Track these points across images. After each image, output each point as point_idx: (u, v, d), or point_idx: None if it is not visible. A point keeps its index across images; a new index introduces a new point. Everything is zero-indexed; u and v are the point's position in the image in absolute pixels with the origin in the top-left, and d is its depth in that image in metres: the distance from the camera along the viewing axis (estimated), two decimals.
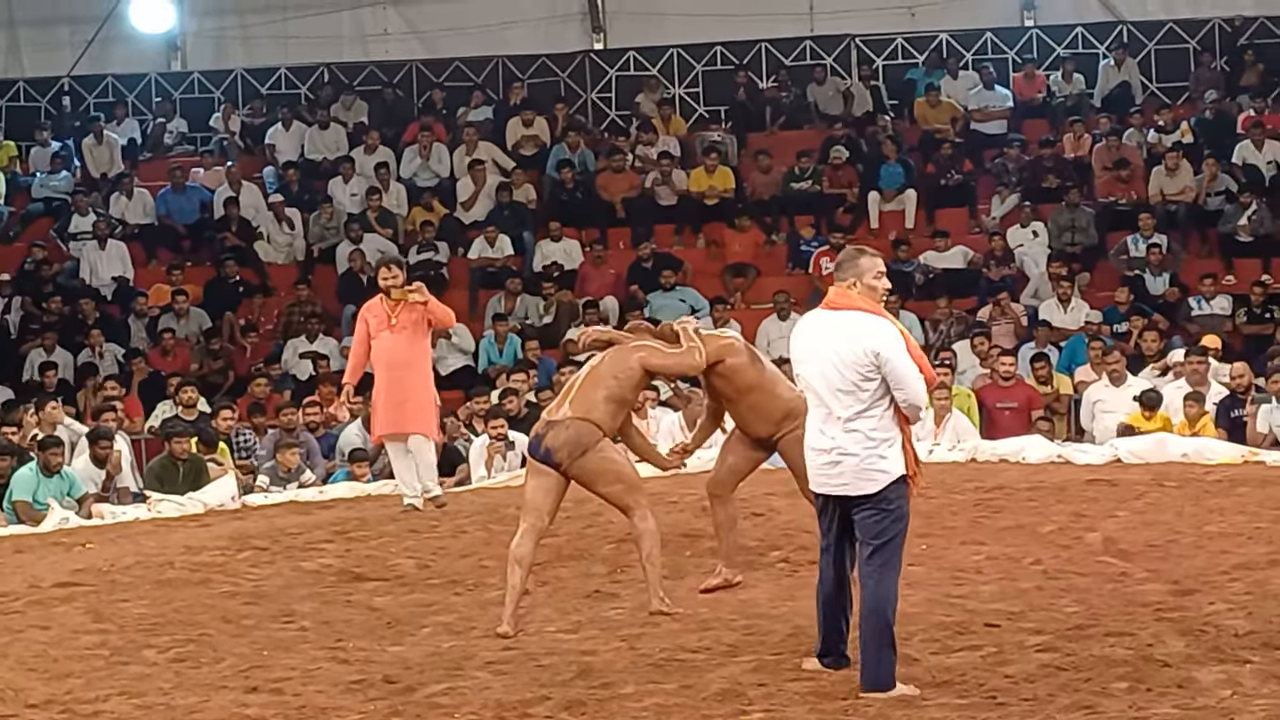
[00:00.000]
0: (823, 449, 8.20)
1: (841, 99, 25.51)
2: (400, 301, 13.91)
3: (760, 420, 10.48)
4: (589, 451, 9.82)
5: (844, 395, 8.10)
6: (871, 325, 8.17)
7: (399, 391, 13.84)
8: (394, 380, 13.86)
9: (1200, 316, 20.58)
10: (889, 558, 8.15)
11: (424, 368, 14.13)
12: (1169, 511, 12.56)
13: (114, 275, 23.04)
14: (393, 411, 13.88)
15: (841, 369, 8.09)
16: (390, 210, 23.65)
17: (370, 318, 14.06)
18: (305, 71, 26.73)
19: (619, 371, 10.10)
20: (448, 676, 8.76)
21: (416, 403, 13.90)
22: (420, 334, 14.02)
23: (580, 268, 22.62)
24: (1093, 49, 25.80)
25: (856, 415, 8.08)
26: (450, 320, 14.82)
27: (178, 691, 8.71)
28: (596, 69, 26.51)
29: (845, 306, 8.26)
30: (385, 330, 13.90)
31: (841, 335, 8.15)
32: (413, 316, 13.91)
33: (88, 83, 26.71)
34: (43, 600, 11.19)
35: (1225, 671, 8.04)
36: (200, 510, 15.25)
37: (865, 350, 8.06)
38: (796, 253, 22.73)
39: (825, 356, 8.16)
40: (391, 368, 13.87)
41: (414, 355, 13.97)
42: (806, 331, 8.40)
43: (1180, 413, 16.84)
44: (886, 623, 8.06)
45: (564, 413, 9.92)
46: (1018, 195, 23.16)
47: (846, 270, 8.40)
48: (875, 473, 8.09)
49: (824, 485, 8.27)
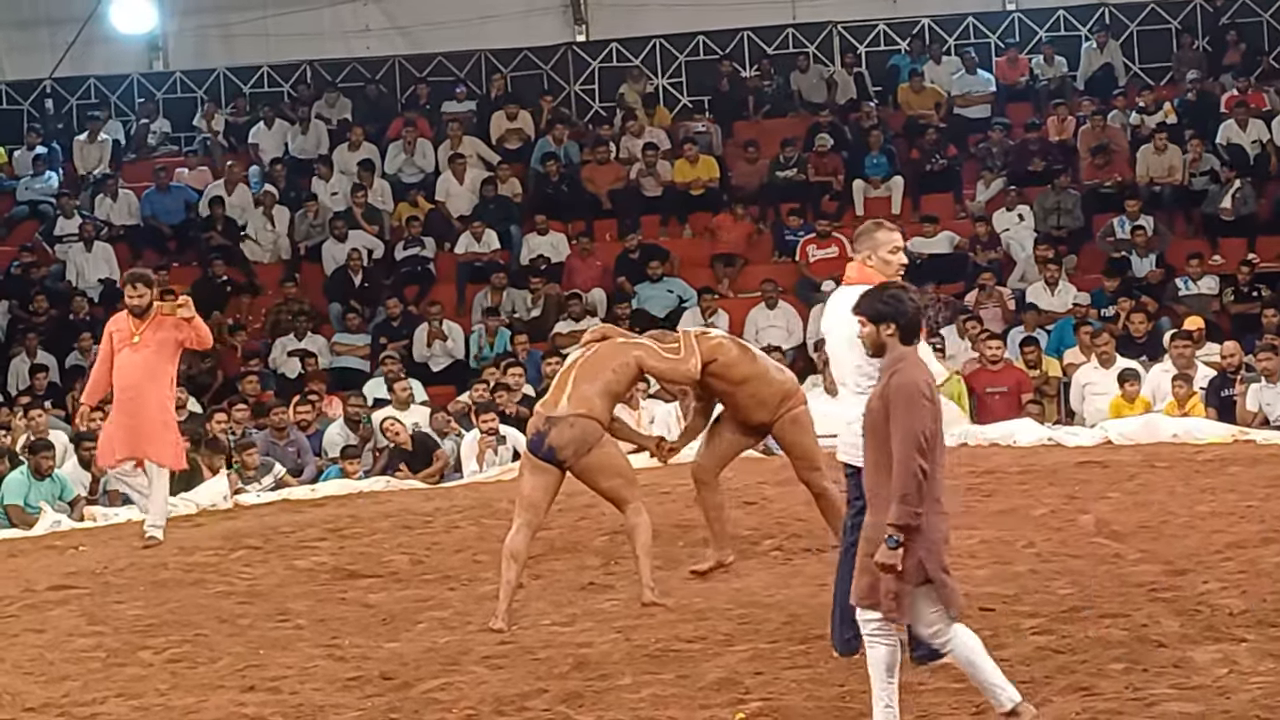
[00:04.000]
0: (849, 421, 8.23)
1: (825, 86, 25.51)
2: (146, 318, 13.04)
3: (760, 407, 10.52)
4: (594, 449, 9.84)
5: (857, 370, 8.14)
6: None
7: (136, 414, 12.99)
8: (130, 402, 13.01)
9: (1187, 297, 20.59)
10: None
11: (161, 390, 13.16)
12: (1161, 492, 12.58)
13: (100, 277, 22.99)
14: (126, 435, 13.04)
15: (853, 343, 8.05)
16: (376, 206, 23.63)
17: (115, 333, 13.22)
18: (288, 69, 26.70)
19: (616, 366, 10.10)
20: (444, 671, 8.77)
21: (152, 427, 13.00)
22: (165, 354, 13.14)
23: (567, 260, 22.61)
24: (1075, 31, 25.81)
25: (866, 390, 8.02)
26: (209, 341, 13.86)
27: (175, 692, 8.72)
28: (579, 61, 26.50)
29: (857, 281, 8.32)
30: (126, 348, 13.06)
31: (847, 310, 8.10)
32: (160, 335, 13.05)
33: (70, 84, 26.68)
34: (37, 604, 11.18)
35: (1220, 650, 8.06)
36: (193, 510, 15.23)
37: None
38: (782, 241, 22.72)
39: (840, 332, 8.23)
40: (129, 389, 13.01)
41: (151, 377, 13.04)
42: (828, 308, 8.52)
43: (1168, 396, 16.84)
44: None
45: (563, 409, 9.88)
46: (1003, 179, 23.16)
47: (862, 244, 8.56)
48: None
49: (852, 456, 8.29)
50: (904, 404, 7.07)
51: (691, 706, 7.85)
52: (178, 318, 13.07)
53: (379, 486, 15.96)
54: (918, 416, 7.06)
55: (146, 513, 13.26)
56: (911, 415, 7.05)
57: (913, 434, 7.02)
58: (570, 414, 9.85)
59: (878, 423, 7.16)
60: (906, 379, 7.13)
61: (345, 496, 15.52)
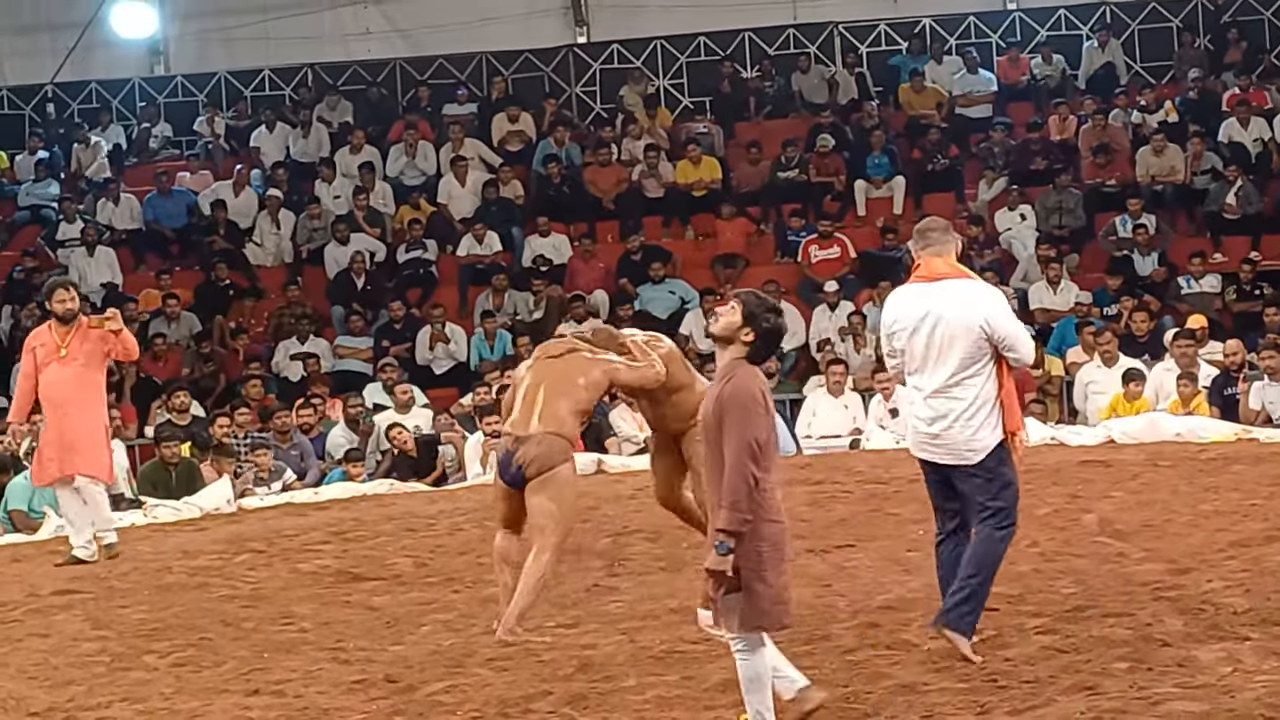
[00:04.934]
0: (925, 418, 8.34)
1: (826, 87, 25.52)
2: (71, 330, 12.74)
3: (678, 417, 10.26)
4: (557, 467, 9.61)
5: (951, 363, 8.22)
6: (982, 292, 8.41)
7: (67, 431, 12.67)
8: (60, 417, 12.69)
9: (1189, 295, 20.60)
10: (1002, 521, 8.31)
11: (94, 403, 12.88)
12: (1164, 491, 12.59)
13: (103, 281, 23.00)
14: (60, 453, 12.71)
15: (952, 336, 8.23)
16: (378, 209, 23.64)
17: (38, 348, 12.87)
18: (288, 72, 26.73)
19: (587, 383, 9.89)
20: (449, 674, 8.77)
21: (87, 442, 12.69)
22: (94, 367, 12.83)
23: (569, 262, 22.61)
24: (1076, 30, 25.82)
25: (960, 382, 8.23)
26: (135, 353, 13.62)
27: (179, 696, 8.71)
28: (580, 63, 26.51)
29: (948, 275, 8.41)
30: (54, 362, 12.73)
31: (950, 303, 8.29)
32: (86, 347, 12.74)
33: (71, 89, 26.71)
34: (42, 608, 11.19)
35: (1225, 649, 8.05)
36: (196, 514, 15.25)
37: (977, 316, 8.22)
38: (785, 242, 22.72)
39: (932, 325, 8.28)
40: (59, 404, 12.71)
41: (84, 390, 12.75)
42: (906, 303, 8.49)
43: (1171, 395, 16.84)
44: (987, 580, 8.30)
45: (534, 427, 9.68)
46: (1005, 179, 23.16)
47: (941, 241, 8.55)
48: (975, 442, 8.24)
49: (925, 451, 8.39)
50: (738, 411, 7.05)
51: (696, 708, 7.84)
52: (105, 330, 12.76)
53: (382, 489, 15.99)
54: (751, 424, 7.03)
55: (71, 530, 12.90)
56: (745, 422, 7.03)
57: (745, 441, 7.01)
58: (541, 432, 9.65)
59: (711, 429, 7.14)
60: (741, 386, 7.10)
61: (349, 499, 15.54)
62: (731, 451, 7.03)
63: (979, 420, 8.23)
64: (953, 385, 8.23)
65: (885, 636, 8.80)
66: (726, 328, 7.23)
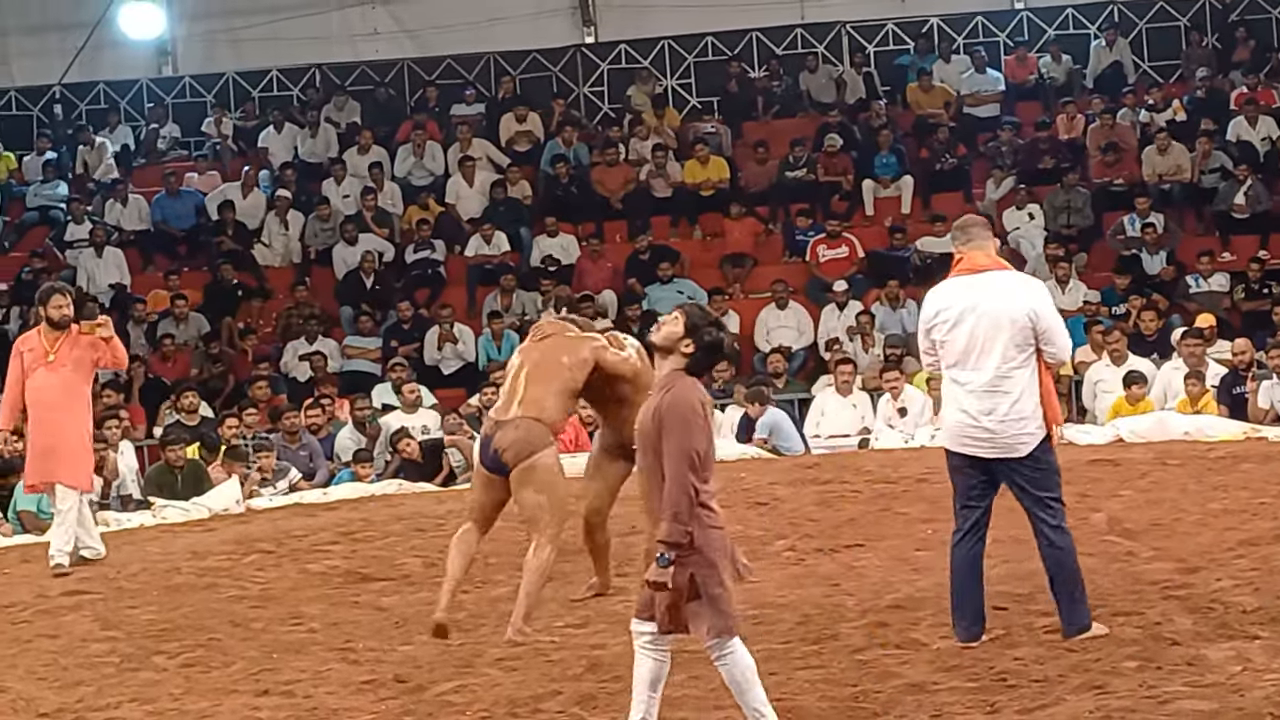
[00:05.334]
0: (966, 410, 8.36)
1: (834, 86, 25.51)
2: (62, 336, 12.64)
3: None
4: (536, 454, 9.57)
5: (995, 355, 8.28)
6: (1026, 283, 8.57)
7: (50, 436, 12.53)
8: (46, 423, 12.56)
9: (1198, 294, 20.58)
10: (1058, 509, 8.42)
11: (80, 410, 12.75)
12: (1173, 489, 12.59)
13: (111, 282, 23.03)
14: (43, 457, 12.59)
15: (997, 328, 8.29)
16: (386, 209, 23.65)
17: (26, 353, 12.71)
18: (296, 73, 26.74)
19: (573, 363, 9.82)
20: (458, 674, 8.77)
21: (69, 449, 12.56)
22: (81, 373, 12.71)
23: (577, 262, 22.62)
24: (1084, 29, 25.80)
25: (1008, 374, 8.29)
26: (125, 362, 13.59)
27: (189, 697, 8.72)
28: (588, 63, 26.51)
29: (992, 267, 8.52)
30: (41, 367, 12.59)
31: (998, 295, 8.37)
32: (75, 354, 12.64)
33: (79, 90, 26.72)
34: (51, 609, 11.20)
35: (1234, 648, 8.05)
36: (205, 515, 15.27)
37: (1024, 308, 8.31)
38: (793, 241, 22.72)
39: (981, 320, 8.33)
40: (45, 409, 12.57)
41: (70, 396, 12.63)
42: (952, 295, 8.51)
43: (1179, 394, 16.83)
44: (1076, 568, 8.40)
45: (515, 412, 9.65)
46: (1013, 178, 23.14)
47: (982, 236, 8.67)
48: (1025, 435, 8.31)
49: (970, 446, 8.39)
50: (678, 422, 7.04)
51: (704, 707, 7.85)
52: (95, 337, 12.68)
53: (391, 490, 16.00)
54: (691, 435, 7.03)
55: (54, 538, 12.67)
56: (685, 433, 7.02)
57: (685, 452, 7.00)
58: (519, 416, 9.62)
59: (650, 439, 7.13)
60: (681, 397, 7.10)
61: (357, 500, 15.56)
62: (672, 463, 7.02)
63: (1027, 412, 8.30)
64: (1001, 378, 8.28)
65: (894, 636, 8.80)
66: (668, 338, 7.22)
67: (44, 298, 13.03)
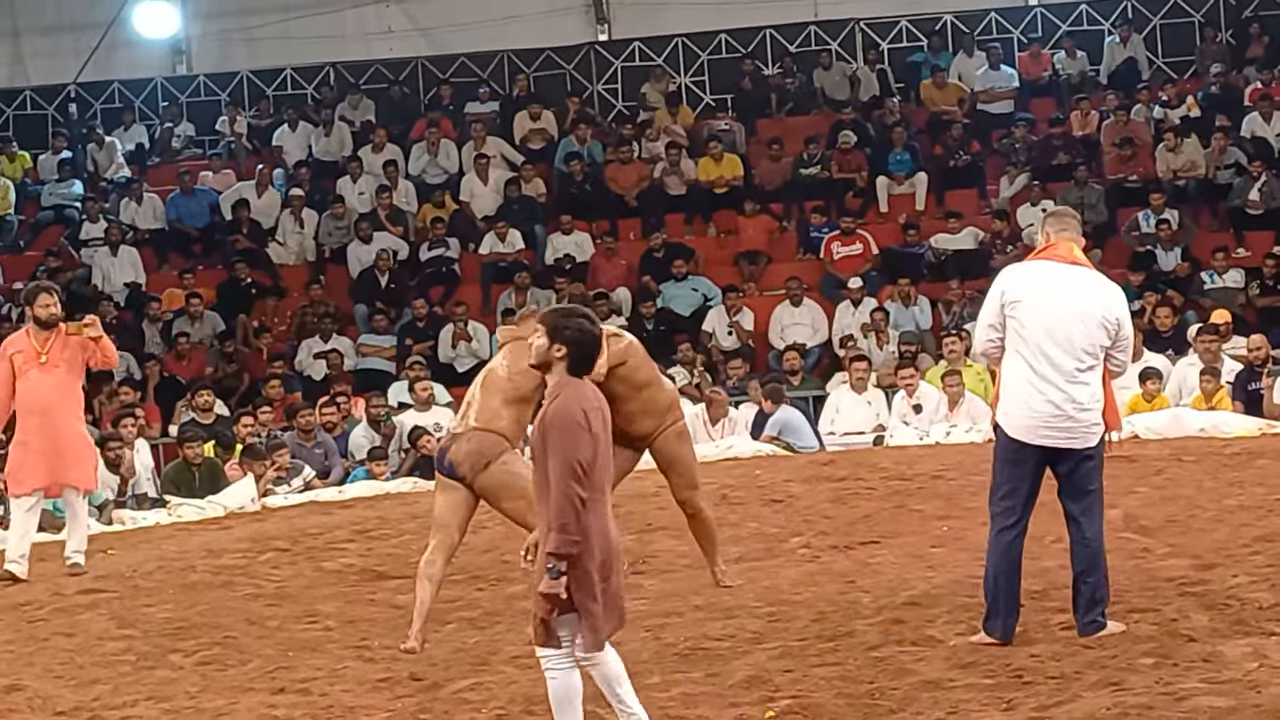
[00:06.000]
0: (1050, 401, 8.31)
1: (848, 84, 25.49)
2: (51, 337, 12.37)
3: (648, 416, 10.18)
4: (492, 464, 9.47)
5: (1080, 350, 8.30)
6: (1115, 290, 8.51)
7: (53, 437, 12.28)
8: (46, 425, 12.27)
9: (1213, 290, 20.55)
10: (1100, 507, 8.49)
11: (77, 410, 12.60)
12: (1188, 486, 12.57)
13: (126, 281, 23.08)
14: (48, 460, 12.29)
15: (1086, 326, 8.30)
16: (400, 208, 23.67)
17: (16, 355, 12.37)
18: (310, 71, 26.77)
19: (514, 372, 9.62)
20: (473, 672, 8.78)
21: (74, 450, 12.41)
22: (75, 373, 12.47)
23: (592, 260, 22.64)
24: (1097, 25, 25.76)
25: (1090, 368, 8.32)
26: (115, 361, 13.34)
27: (205, 695, 8.73)
28: (602, 60, 26.51)
29: (1080, 263, 8.50)
30: (34, 368, 12.29)
31: (1088, 294, 8.38)
32: (67, 354, 12.37)
33: (94, 89, 26.77)
34: (67, 607, 11.21)
35: (1251, 644, 8.04)
36: (220, 513, 15.30)
37: (1112, 313, 8.36)
38: (807, 238, 22.72)
39: (1067, 310, 8.32)
40: (42, 411, 12.27)
41: (67, 397, 12.42)
42: (1039, 280, 8.44)
43: (1194, 390, 16.81)
44: (1105, 569, 8.45)
45: (470, 424, 9.58)
46: (1027, 175, 23.12)
47: (1075, 229, 8.67)
48: (1095, 426, 8.35)
49: (1044, 436, 8.34)
50: (560, 432, 6.95)
51: (721, 705, 7.85)
52: (84, 337, 12.45)
53: (406, 488, 16.01)
54: (572, 444, 6.93)
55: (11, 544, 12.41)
56: (567, 443, 6.93)
57: (569, 463, 6.91)
58: (471, 428, 9.54)
59: (538, 450, 7.07)
60: (563, 407, 7.00)
61: (372, 498, 15.58)
62: (555, 473, 6.93)
63: (1100, 404, 8.35)
64: (1084, 370, 8.29)
65: (910, 632, 8.79)
66: (538, 352, 7.16)
67: (30, 297, 12.77)
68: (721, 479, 14.03)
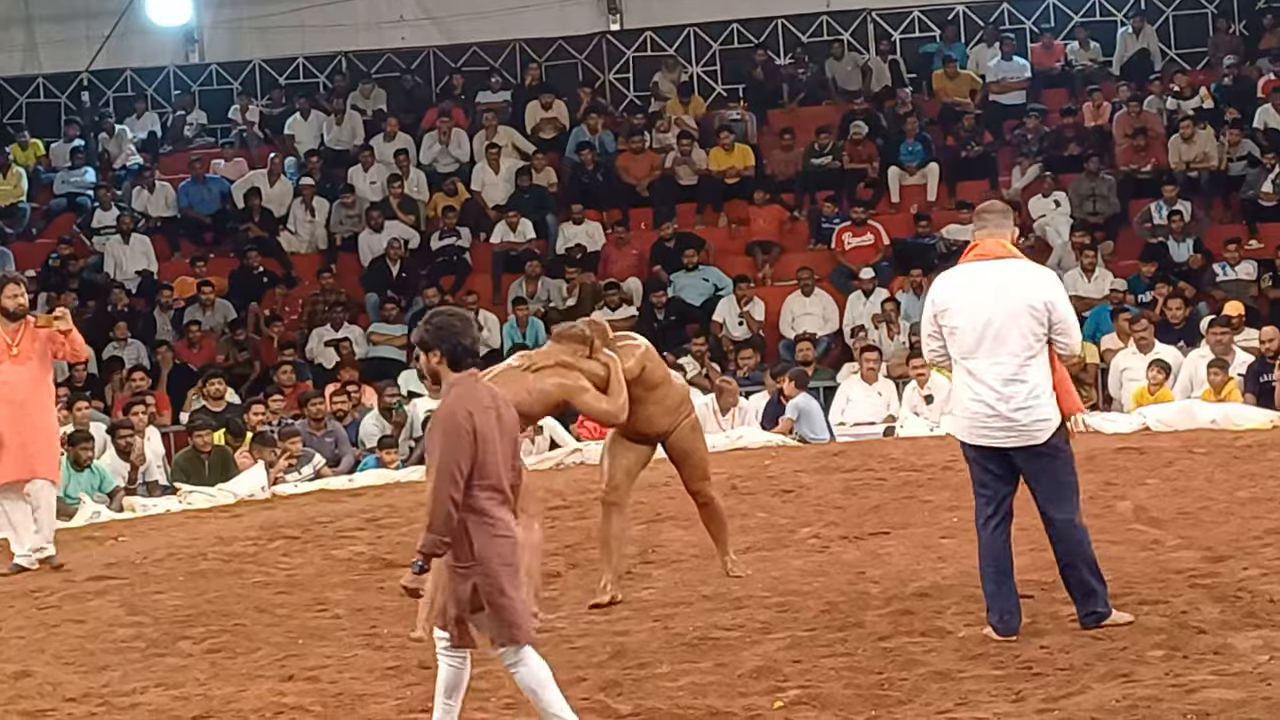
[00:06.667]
0: (987, 403, 8.26)
1: (860, 74, 25.45)
2: (20, 329, 12.27)
3: (665, 414, 10.23)
4: None
5: (1015, 347, 8.21)
6: (1041, 274, 8.43)
7: (24, 430, 12.17)
8: (17, 417, 12.15)
9: (1225, 282, 20.50)
10: (1072, 498, 8.37)
11: (49, 403, 12.58)
12: (1199, 478, 12.56)
13: (138, 269, 23.09)
14: (17, 453, 12.17)
15: (1016, 320, 8.21)
16: (412, 196, 23.67)
17: None
18: (323, 60, 26.76)
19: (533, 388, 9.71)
20: (482, 660, 8.76)
21: (44, 442, 12.35)
22: (45, 365, 12.41)
23: (603, 249, 22.62)
24: (1110, 16, 25.70)
25: (1026, 362, 8.22)
26: (84, 354, 13.31)
27: (214, 682, 8.75)
28: (614, 50, 26.48)
29: (1006, 255, 8.43)
30: (6, 361, 12.20)
31: (1015, 286, 8.28)
32: (37, 345, 12.28)
33: (106, 77, 26.78)
34: (77, 594, 11.24)
35: (1261, 636, 8.03)
36: (231, 501, 15.31)
37: (1040, 298, 8.24)
38: (818, 229, 22.70)
39: (995, 308, 8.25)
40: (13, 403, 12.14)
41: (39, 390, 12.35)
42: (964, 282, 8.43)
43: (1205, 383, 16.78)
44: (1092, 558, 8.38)
45: None
46: (1039, 165, 23.08)
47: (998, 224, 8.60)
48: (1042, 422, 8.23)
49: (987, 437, 8.30)
50: (439, 435, 6.99)
51: (730, 695, 7.85)
52: (54, 329, 12.33)
53: (416, 476, 16.00)
54: (452, 448, 6.95)
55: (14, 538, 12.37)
56: (448, 446, 6.96)
57: (446, 465, 6.95)
58: None
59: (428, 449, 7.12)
60: (448, 408, 7.04)
61: (382, 486, 15.59)
62: (433, 475, 6.99)
63: (1044, 399, 8.25)
64: (1019, 366, 8.20)
65: (919, 623, 8.80)
66: (425, 366, 7.21)
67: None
68: (731, 469, 14.03)
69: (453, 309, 7.27)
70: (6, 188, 24.73)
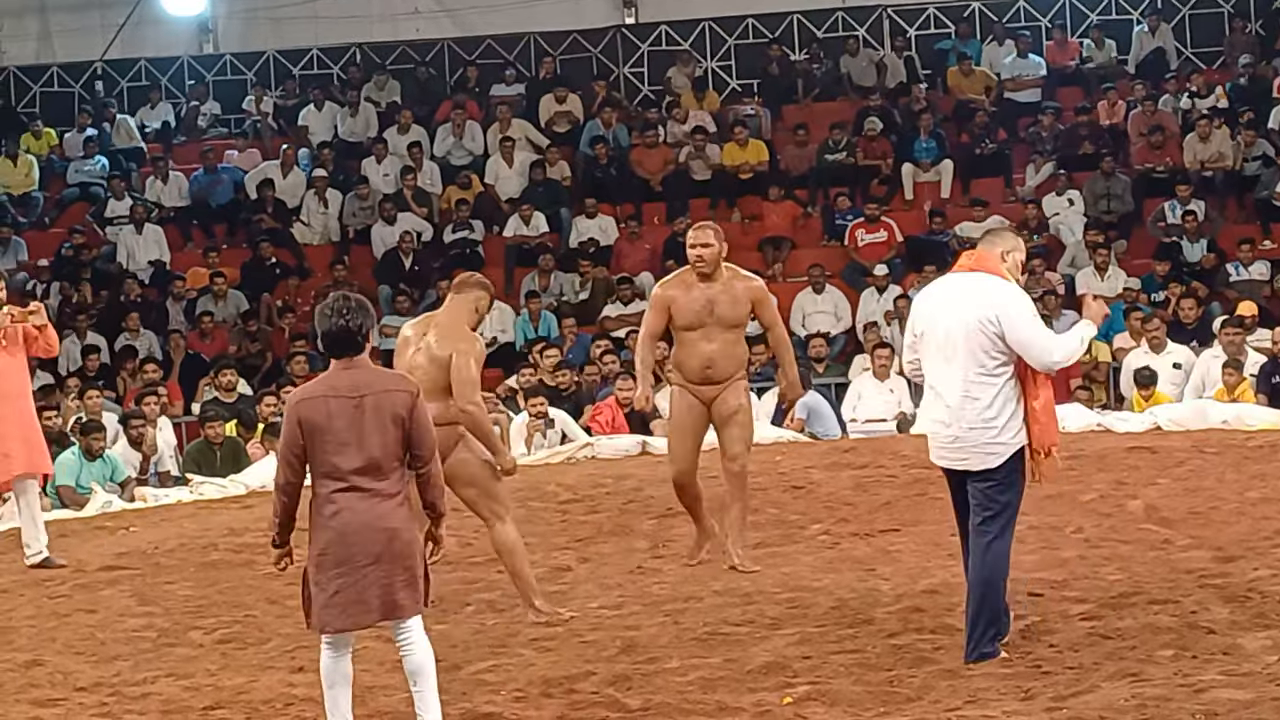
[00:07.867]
0: (942, 421, 8.00)
1: (874, 70, 25.43)
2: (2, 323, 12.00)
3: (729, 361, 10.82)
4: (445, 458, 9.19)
5: (960, 360, 7.85)
6: (996, 286, 7.89)
7: (23, 423, 12.03)
8: (17, 412, 11.97)
9: (1238, 282, 20.48)
10: (1002, 527, 7.98)
11: (29, 395, 12.33)
12: (1210, 478, 12.54)
13: (151, 259, 23.11)
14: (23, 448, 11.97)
15: (967, 334, 7.82)
16: (425, 189, 23.68)
17: None
18: (337, 52, 26.75)
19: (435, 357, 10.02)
20: (492, 654, 8.80)
21: (38, 436, 12.18)
22: (23, 356, 12.12)
23: (616, 244, 22.62)
24: (1126, 14, 25.66)
25: (977, 382, 7.84)
26: (57, 349, 12.96)
27: (225, 672, 8.77)
28: (628, 44, 26.47)
29: (974, 269, 8.01)
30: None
31: (965, 297, 7.90)
32: (17, 340, 12.02)
33: (121, 67, 26.78)
34: (88, 584, 11.26)
35: (1270, 637, 8.03)
36: (242, 491, 15.31)
37: (987, 313, 7.80)
38: (831, 225, 22.69)
39: (951, 322, 7.91)
40: (12, 397, 11.95)
41: (23, 381, 12.15)
42: (933, 298, 8.13)
43: (1218, 383, 16.77)
44: (998, 593, 7.98)
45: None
46: (1053, 164, 23.07)
47: (987, 241, 8.21)
48: (995, 445, 7.87)
49: (938, 457, 8.15)
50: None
51: (739, 690, 7.85)
52: (29, 324, 12.08)
53: None
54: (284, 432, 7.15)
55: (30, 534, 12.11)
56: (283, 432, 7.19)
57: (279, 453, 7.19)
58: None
59: None
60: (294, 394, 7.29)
61: None
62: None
63: (1000, 423, 7.83)
64: (970, 383, 7.83)
65: (929, 621, 8.80)
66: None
67: None
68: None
69: (340, 293, 7.29)
70: (19, 177, 24.76)
